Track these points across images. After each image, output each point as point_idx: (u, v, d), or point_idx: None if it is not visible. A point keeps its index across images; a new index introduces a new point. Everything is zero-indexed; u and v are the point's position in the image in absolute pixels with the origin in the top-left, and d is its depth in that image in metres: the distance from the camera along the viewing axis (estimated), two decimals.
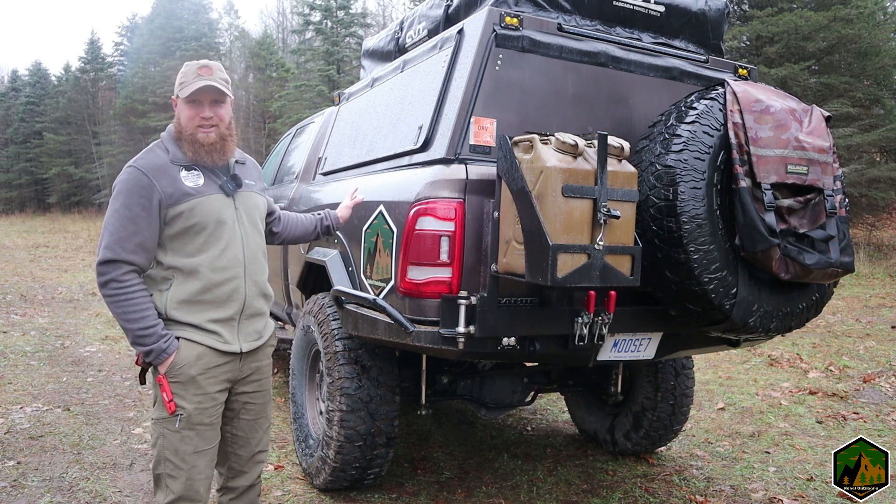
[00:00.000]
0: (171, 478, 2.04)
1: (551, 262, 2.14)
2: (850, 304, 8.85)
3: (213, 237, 2.07)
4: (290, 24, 34.45)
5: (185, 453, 2.04)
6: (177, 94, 2.10)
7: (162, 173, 2.03)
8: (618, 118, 2.89)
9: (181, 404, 2.03)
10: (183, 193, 2.04)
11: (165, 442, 2.04)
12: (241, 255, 2.12)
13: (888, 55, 12.24)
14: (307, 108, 18.93)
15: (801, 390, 5.30)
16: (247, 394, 2.23)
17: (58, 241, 20.41)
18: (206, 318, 2.06)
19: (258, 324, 2.22)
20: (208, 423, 2.09)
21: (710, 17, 3.21)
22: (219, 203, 2.09)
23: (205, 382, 2.06)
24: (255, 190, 2.26)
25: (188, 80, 2.07)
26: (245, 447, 2.26)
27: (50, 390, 4.99)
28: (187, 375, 2.04)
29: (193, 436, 2.05)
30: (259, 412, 2.28)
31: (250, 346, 2.17)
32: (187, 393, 2.04)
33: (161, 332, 2.01)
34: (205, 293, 2.06)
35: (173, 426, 2.03)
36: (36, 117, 38.92)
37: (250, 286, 2.14)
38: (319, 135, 4.39)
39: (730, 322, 2.56)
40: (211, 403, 2.09)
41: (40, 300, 9.35)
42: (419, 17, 3.47)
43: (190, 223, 2.04)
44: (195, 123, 2.07)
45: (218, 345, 2.08)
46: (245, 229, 2.15)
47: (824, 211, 2.59)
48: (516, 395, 3.59)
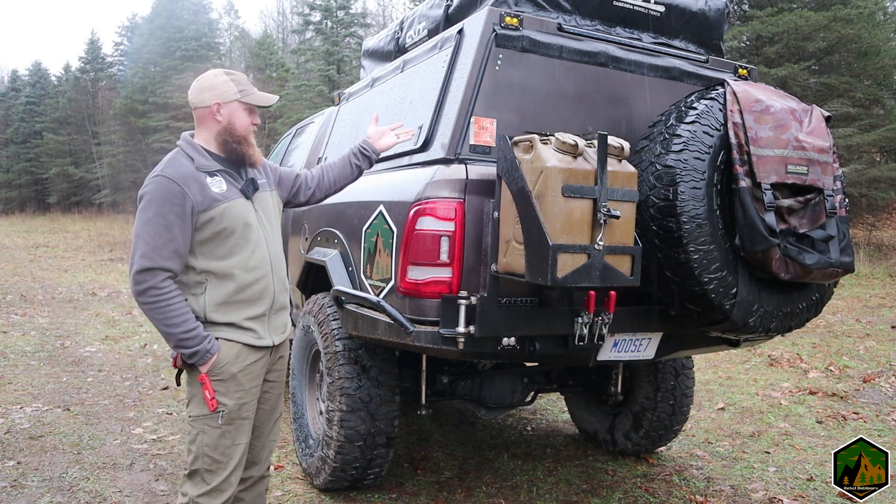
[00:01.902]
0: (209, 472, 2.13)
1: (551, 262, 2.14)
2: (850, 304, 8.85)
3: (242, 239, 2.15)
4: (290, 24, 34.47)
5: (225, 447, 2.13)
6: (235, 98, 2.16)
7: (191, 181, 2.09)
8: (618, 118, 2.89)
9: (223, 401, 2.12)
10: (212, 199, 2.10)
11: (205, 438, 2.12)
12: (267, 254, 2.21)
13: (888, 55, 12.23)
14: (307, 108, 18.91)
15: (801, 390, 5.30)
16: (268, 383, 2.32)
17: (58, 241, 20.41)
18: (242, 316, 2.15)
19: (284, 317, 2.33)
20: (246, 417, 2.19)
21: (710, 17, 3.21)
22: (243, 207, 2.18)
23: (244, 379, 2.16)
24: (267, 189, 2.34)
25: (247, 87, 2.20)
26: (259, 437, 2.35)
27: (50, 390, 4.99)
28: (229, 373, 2.12)
29: (233, 430, 2.15)
30: (275, 402, 2.38)
31: (280, 338, 2.29)
32: (228, 390, 2.13)
33: (203, 333, 2.09)
34: (239, 293, 2.14)
35: (215, 422, 2.11)
36: (36, 117, 38.89)
37: (277, 282, 2.25)
38: (319, 135, 4.39)
39: (730, 322, 2.56)
40: (250, 398, 2.19)
41: (40, 300, 9.35)
42: (419, 17, 3.47)
43: (220, 228, 2.11)
44: (251, 129, 2.22)
45: (253, 341, 2.17)
46: (266, 229, 2.25)
47: (824, 211, 2.59)
48: (516, 395, 3.59)
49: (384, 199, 2.79)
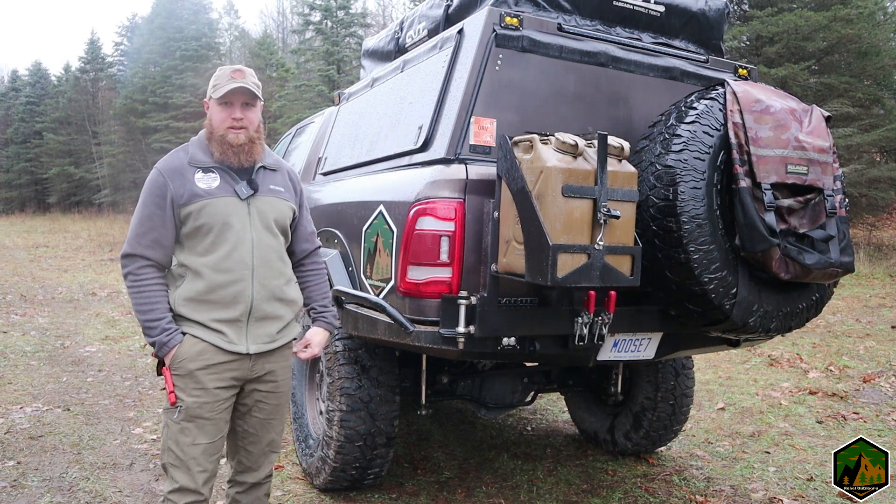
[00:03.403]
0: (174, 467, 2.12)
1: (551, 262, 2.14)
2: (850, 304, 8.85)
3: (221, 239, 2.11)
4: (290, 24, 34.46)
5: (185, 444, 2.11)
6: (209, 95, 2.17)
7: (177, 174, 2.12)
8: (618, 118, 2.89)
9: (181, 396, 2.10)
10: (192, 195, 2.10)
11: (169, 432, 2.14)
12: (249, 258, 2.13)
13: (888, 55, 12.24)
14: (307, 108, 18.90)
15: (801, 390, 5.30)
16: (260, 392, 2.26)
17: (58, 241, 20.41)
18: (210, 317, 2.11)
19: (271, 327, 2.21)
20: (208, 418, 2.12)
21: (710, 17, 3.21)
22: (228, 206, 2.13)
23: (204, 378, 2.11)
24: (282, 196, 2.26)
25: (221, 82, 2.14)
26: (255, 444, 2.31)
27: (50, 390, 4.99)
28: (186, 369, 2.10)
29: (192, 428, 2.11)
30: (272, 413, 2.31)
31: (259, 348, 2.18)
32: (186, 386, 2.11)
33: (166, 325, 2.09)
34: (209, 293, 2.11)
35: (174, 417, 2.12)
36: (36, 117, 38.88)
37: (258, 289, 2.15)
38: (319, 135, 4.39)
39: (730, 322, 2.56)
40: (211, 399, 2.12)
41: (40, 300, 9.35)
42: (419, 17, 3.47)
43: (198, 224, 2.11)
44: (227, 125, 2.14)
45: (222, 344, 2.13)
46: (258, 233, 2.17)
47: (824, 211, 2.59)
48: (516, 395, 3.59)
49: (384, 199, 2.79)
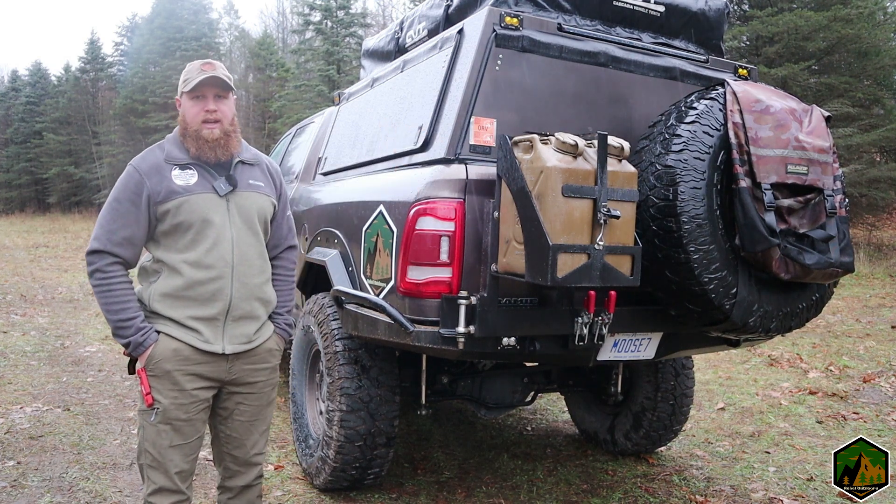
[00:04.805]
0: (151, 469, 2.08)
1: (551, 262, 2.14)
2: (850, 304, 8.85)
3: (201, 236, 2.08)
4: (290, 24, 34.44)
5: (162, 447, 2.07)
6: (181, 91, 2.14)
7: (153, 171, 2.09)
8: (618, 118, 2.89)
9: (157, 398, 2.06)
10: (170, 192, 2.07)
11: (145, 434, 2.09)
12: (229, 255, 2.10)
13: (888, 55, 12.24)
14: (307, 108, 18.92)
15: (801, 390, 5.30)
16: (241, 394, 2.21)
17: (58, 241, 20.40)
18: (186, 314, 2.08)
19: (247, 327, 2.17)
20: (185, 419, 2.09)
21: (710, 17, 3.21)
22: (207, 202, 2.10)
23: (181, 378, 2.07)
24: (262, 191, 2.22)
25: (192, 76, 2.11)
26: (240, 448, 2.25)
27: (50, 390, 4.99)
28: (163, 370, 2.06)
29: (169, 430, 2.07)
30: (254, 415, 2.25)
31: (235, 349, 2.14)
32: (163, 387, 2.07)
33: (140, 324, 2.05)
34: (187, 290, 2.07)
35: (150, 419, 2.07)
36: (36, 117, 38.86)
37: (238, 287, 2.11)
38: (319, 135, 4.39)
39: (730, 322, 2.56)
40: (188, 400, 2.09)
41: (40, 300, 9.34)
42: (419, 17, 3.47)
43: (177, 221, 2.07)
44: (200, 119, 2.10)
45: (197, 343, 2.08)
46: (238, 230, 2.13)
47: (824, 211, 2.59)
48: (516, 395, 3.59)
49: (384, 199, 2.79)
